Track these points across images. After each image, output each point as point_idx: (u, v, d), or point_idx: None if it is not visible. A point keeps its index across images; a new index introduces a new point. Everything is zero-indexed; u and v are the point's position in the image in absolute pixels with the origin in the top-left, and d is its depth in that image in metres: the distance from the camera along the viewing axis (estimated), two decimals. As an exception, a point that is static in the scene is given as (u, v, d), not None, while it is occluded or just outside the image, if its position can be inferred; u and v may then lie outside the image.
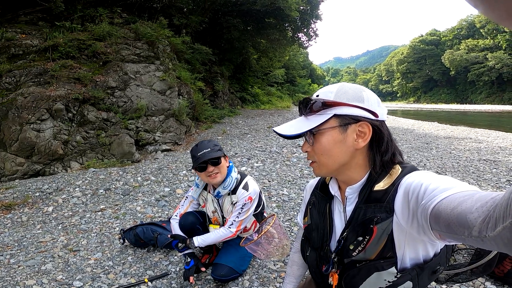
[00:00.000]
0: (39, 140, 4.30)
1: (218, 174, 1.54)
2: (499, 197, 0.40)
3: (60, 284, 1.75)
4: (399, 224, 0.68)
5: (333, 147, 0.73)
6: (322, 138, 0.74)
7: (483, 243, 0.41)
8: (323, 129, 0.73)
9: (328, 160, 0.75)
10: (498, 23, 0.17)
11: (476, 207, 0.43)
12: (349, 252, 0.76)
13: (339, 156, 0.74)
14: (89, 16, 6.24)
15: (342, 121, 0.72)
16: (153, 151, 5.38)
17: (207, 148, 1.52)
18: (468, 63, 50.11)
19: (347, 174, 0.78)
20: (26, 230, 2.54)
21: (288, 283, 1.14)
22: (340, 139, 0.73)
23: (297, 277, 1.14)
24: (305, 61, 40.71)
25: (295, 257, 1.13)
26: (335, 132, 0.72)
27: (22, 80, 4.78)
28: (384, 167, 0.74)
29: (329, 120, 0.73)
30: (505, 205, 0.35)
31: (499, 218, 0.36)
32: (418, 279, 0.73)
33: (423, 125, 11.11)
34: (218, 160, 1.53)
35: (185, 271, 1.57)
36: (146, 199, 3.06)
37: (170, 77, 6.25)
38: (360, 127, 0.72)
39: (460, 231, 0.46)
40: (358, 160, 0.76)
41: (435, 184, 0.59)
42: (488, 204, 0.41)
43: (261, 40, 14.62)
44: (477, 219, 0.42)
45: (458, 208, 0.47)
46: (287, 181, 3.45)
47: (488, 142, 6.40)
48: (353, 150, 0.74)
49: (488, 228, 0.39)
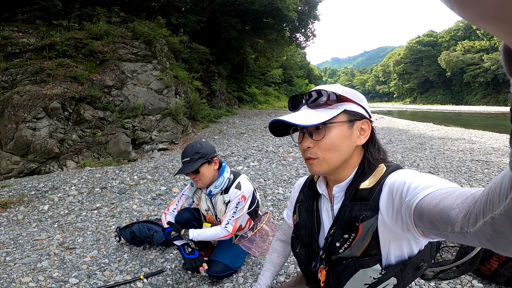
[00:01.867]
0: (34, 139, 4.29)
1: (199, 181, 1.58)
2: (478, 193, 0.40)
3: (56, 281, 1.77)
4: (384, 222, 0.69)
5: (342, 142, 0.74)
6: (332, 132, 0.73)
7: (465, 239, 0.41)
8: (335, 123, 0.73)
9: (333, 155, 0.74)
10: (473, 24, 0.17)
11: (457, 203, 0.44)
12: (336, 249, 0.77)
13: (344, 151, 0.75)
14: (86, 15, 6.23)
15: (350, 116, 0.74)
16: (149, 150, 5.38)
17: (187, 156, 1.54)
18: (464, 64, 50.46)
19: (341, 172, 0.79)
20: (22, 228, 2.54)
21: (266, 270, 1.15)
22: (347, 134, 0.74)
23: (276, 265, 1.15)
24: (302, 61, 40.82)
25: (276, 244, 1.15)
26: (344, 127, 0.74)
27: (19, 79, 4.76)
28: (371, 166, 0.77)
29: (339, 115, 0.74)
30: (485, 201, 0.36)
31: (479, 214, 0.37)
32: (402, 275, 0.75)
33: (418, 126, 11.22)
34: (196, 171, 1.54)
35: (191, 259, 1.57)
36: (142, 198, 3.08)
37: (167, 77, 6.25)
38: (362, 124, 0.75)
39: (443, 227, 0.46)
40: (353, 157, 0.78)
41: (417, 182, 0.60)
42: (468, 200, 0.42)
43: (258, 40, 14.64)
44: (458, 215, 0.42)
45: (440, 205, 0.48)
46: (283, 181, 3.48)
47: (481, 143, 6.49)
48: (354, 146, 0.76)
49: (469, 224, 0.39)
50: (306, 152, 0.76)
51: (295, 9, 11.92)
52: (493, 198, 0.34)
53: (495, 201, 0.33)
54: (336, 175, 0.80)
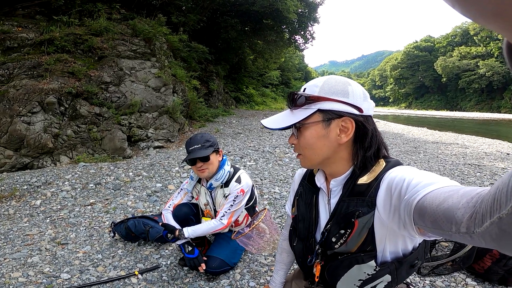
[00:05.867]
0: (28, 133, 4.23)
1: (206, 169, 1.57)
2: (484, 192, 0.40)
3: (47, 276, 1.74)
4: (381, 219, 0.69)
5: (316, 142, 0.74)
6: (306, 132, 0.75)
7: (471, 239, 0.40)
8: (307, 124, 0.74)
9: (311, 153, 0.76)
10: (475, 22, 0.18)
11: (462, 203, 0.43)
12: (332, 245, 0.77)
13: (322, 150, 0.75)
14: (87, 11, 6.19)
15: (325, 116, 0.72)
16: (145, 147, 5.34)
17: (198, 144, 1.54)
18: (459, 70, 51.04)
19: (332, 167, 0.79)
20: (13, 223, 2.50)
21: (279, 269, 1.16)
22: (323, 133, 0.73)
23: (287, 263, 1.16)
24: (300, 64, 40.99)
25: (284, 244, 1.15)
26: (318, 127, 0.73)
27: (15, 73, 4.70)
28: (367, 162, 0.75)
29: (313, 115, 0.73)
30: (492, 201, 0.35)
31: (485, 214, 0.36)
32: (397, 273, 0.75)
33: (413, 130, 11.34)
34: (207, 157, 1.55)
35: (190, 259, 1.57)
36: (137, 194, 3.05)
37: (165, 75, 6.23)
38: (343, 122, 0.72)
39: (447, 227, 0.45)
40: (342, 154, 0.76)
41: (417, 179, 0.59)
42: (473, 200, 0.41)
43: (257, 41, 14.66)
44: (464, 215, 0.42)
45: (444, 204, 0.47)
46: (279, 180, 3.48)
47: (474, 148, 6.58)
48: (336, 144, 0.74)
49: (476, 224, 0.38)
50: (294, 148, 0.82)
51: (295, 11, 11.97)
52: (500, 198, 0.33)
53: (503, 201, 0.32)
54: (330, 169, 0.80)
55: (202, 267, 1.56)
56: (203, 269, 1.57)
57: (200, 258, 1.58)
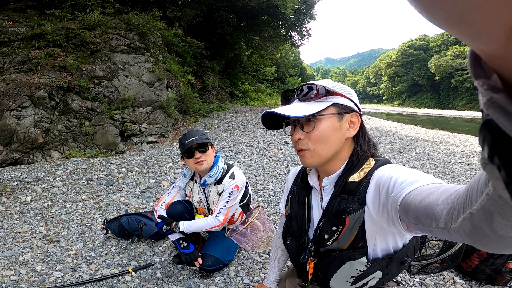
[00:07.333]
0: (18, 128, 4.14)
1: (204, 161, 1.57)
2: (461, 189, 0.42)
3: (39, 274, 1.72)
4: (371, 215, 0.71)
5: (331, 134, 0.76)
6: (321, 124, 0.75)
7: (449, 235, 0.42)
8: (325, 115, 0.76)
9: (323, 147, 0.76)
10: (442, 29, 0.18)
11: (442, 200, 0.45)
12: (324, 242, 0.79)
13: (334, 143, 0.77)
14: (80, 5, 6.05)
15: (339, 109, 0.77)
16: (138, 142, 5.29)
17: (195, 136, 1.56)
18: (453, 69, 51.68)
19: (331, 164, 0.80)
20: (3, 221, 2.46)
21: (274, 267, 1.18)
22: (337, 126, 0.76)
23: (282, 261, 1.18)
24: (296, 60, 40.92)
25: (278, 242, 1.17)
26: (334, 119, 0.76)
27: (5, 67, 4.58)
28: (363, 157, 0.78)
29: (328, 108, 0.76)
30: (465, 197, 0.37)
31: (460, 210, 0.38)
32: (388, 269, 0.78)
33: (405, 128, 11.48)
34: (205, 147, 1.56)
35: (186, 254, 1.56)
36: (130, 190, 3.02)
37: (159, 69, 6.15)
38: (352, 117, 0.78)
39: (427, 223, 0.47)
40: (344, 150, 0.79)
41: (403, 177, 0.61)
42: (452, 196, 0.43)
43: (253, 37, 14.56)
44: (442, 211, 0.43)
45: (426, 201, 0.49)
46: (273, 176, 3.50)
47: (465, 146, 6.71)
48: (344, 139, 0.78)
49: (452, 220, 0.40)
50: (297, 143, 0.78)
51: (292, 7, 11.91)
52: (471, 195, 0.34)
53: (473, 197, 0.34)
54: (327, 167, 0.81)
55: (199, 261, 1.56)
56: (200, 264, 1.57)
57: (196, 253, 1.58)
